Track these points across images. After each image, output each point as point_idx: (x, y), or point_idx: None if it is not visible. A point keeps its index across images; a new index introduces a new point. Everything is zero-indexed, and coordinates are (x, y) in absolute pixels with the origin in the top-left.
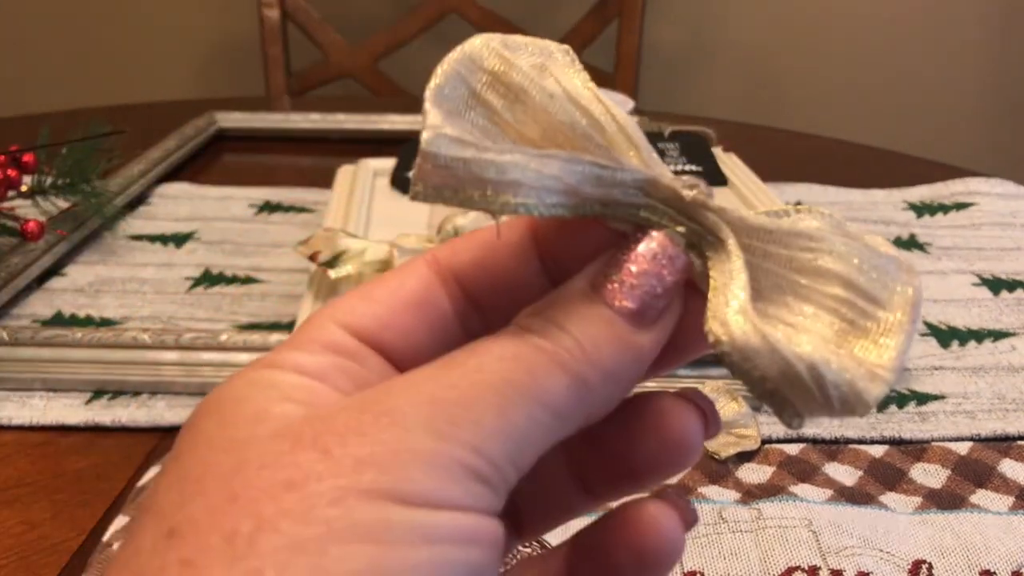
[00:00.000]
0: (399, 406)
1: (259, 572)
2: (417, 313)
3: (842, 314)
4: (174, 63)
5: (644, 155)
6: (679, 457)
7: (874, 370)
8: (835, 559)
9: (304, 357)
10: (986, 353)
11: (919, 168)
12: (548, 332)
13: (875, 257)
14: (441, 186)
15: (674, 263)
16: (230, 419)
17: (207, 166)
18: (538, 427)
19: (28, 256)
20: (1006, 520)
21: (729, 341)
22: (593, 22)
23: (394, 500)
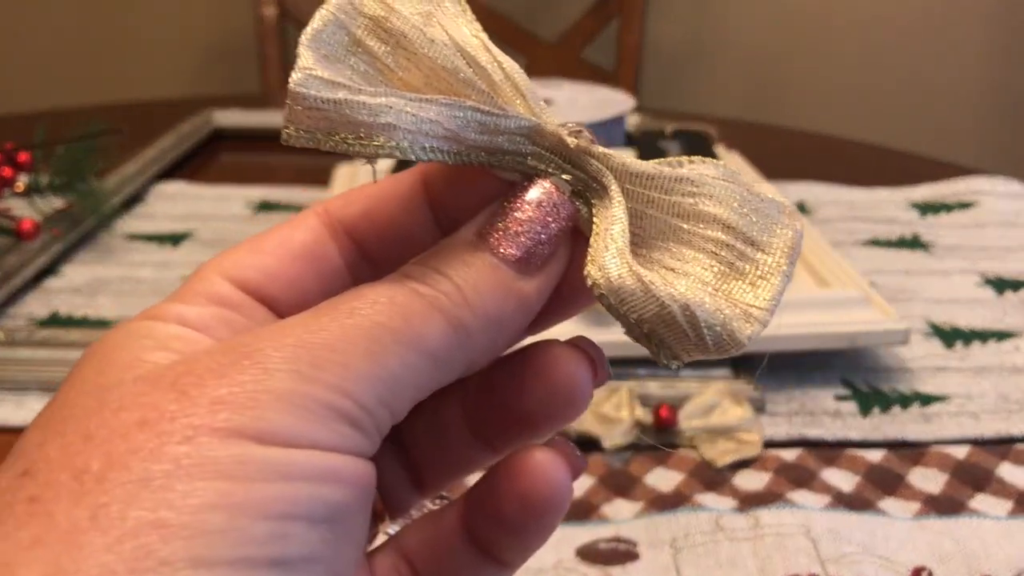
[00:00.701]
0: (263, 348)
1: (105, 507)
2: (305, 265)
3: (721, 257)
4: (171, 61)
5: (531, 103)
6: (569, 404)
7: (749, 310)
8: (834, 567)
9: (186, 309)
10: (990, 354)
11: (923, 167)
12: (427, 277)
13: (757, 201)
14: (313, 128)
15: (559, 211)
16: (104, 367)
17: (204, 165)
18: (413, 372)
19: (24, 256)
20: (1005, 525)
21: (605, 284)
22: (594, 20)
23: (248, 438)
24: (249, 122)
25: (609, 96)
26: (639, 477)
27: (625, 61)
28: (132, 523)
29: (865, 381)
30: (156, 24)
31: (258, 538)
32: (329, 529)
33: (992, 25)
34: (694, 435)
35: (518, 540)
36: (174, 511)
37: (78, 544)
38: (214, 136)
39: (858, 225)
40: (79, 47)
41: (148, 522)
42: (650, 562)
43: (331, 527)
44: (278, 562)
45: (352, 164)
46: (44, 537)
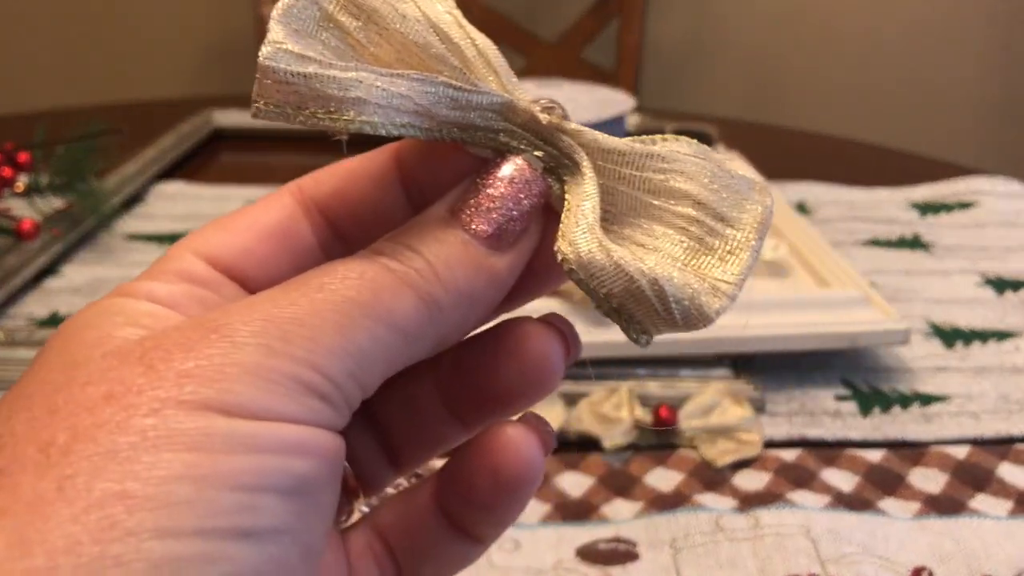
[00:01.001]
0: (231, 323)
1: (70, 479)
2: (277, 243)
3: (691, 232)
4: (171, 62)
5: (504, 80)
6: (540, 380)
7: (717, 285)
8: (835, 567)
9: (158, 286)
10: (990, 354)
11: (923, 167)
12: (399, 253)
13: (727, 177)
14: (283, 103)
15: (531, 187)
16: (73, 344)
17: (204, 165)
18: (383, 346)
19: (24, 256)
20: (1005, 525)
21: (575, 259)
22: (594, 20)
23: (215, 411)
24: (249, 122)
25: (609, 96)
26: (639, 477)
27: (625, 61)
28: (98, 494)
29: (865, 381)
30: (156, 24)
31: (225, 509)
32: (297, 501)
33: (992, 25)
34: (694, 435)
35: (491, 515)
36: (140, 482)
37: (43, 515)
38: (214, 136)
39: (858, 225)
40: (79, 47)
41: (114, 493)
42: (650, 562)
43: (299, 499)
44: (245, 533)
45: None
46: (9, 508)
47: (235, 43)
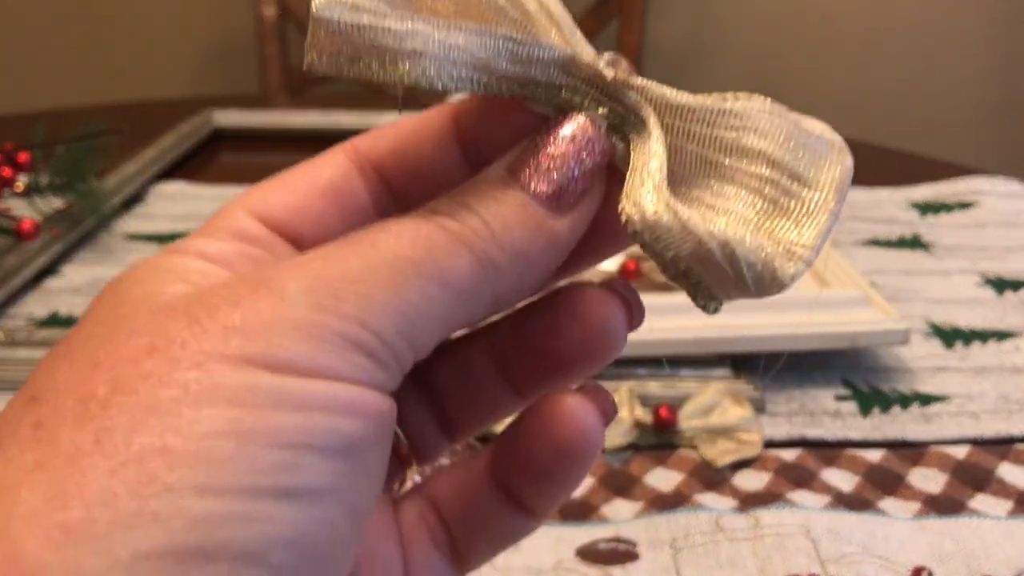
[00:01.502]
0: (281, 278)
1: (109, 431)
2: (331, 201)
3: (765, 193)
4: (171, 62)
5: (566, 33)
6: (603, 346)
7: (792, 248)
8: (835, 567)
9: (210, 244)
10: (990, 354)
11: (923, 167)
12: (455, 212)
13: (804, 136)
14: (336, 54)
15: (594, 147)
16: (120, 300)
17: (204, 165)
18: (436, 305)
19: (23, 256)
20: (1005, 525)
21: (640, 220)
22: (594, 20)
23: (261, 366)
24: (249, 122)
25: None
26: (639, 477)
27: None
28: (137, 448)
29: (865, 381)
30: (156, 24)
31: (267, 467)
32: (343, 461)
33: (992, 25)
34: (694, 435)
35: (547, 487)
36: (180, 437)
37: (81, 468)
38: (214, 136)
39: (858, 225)
40: (79, 47)
41: (153, 448)
42: (650, 562)
43: (345, 459)
44: (288, 492)
45: None
46: (47, 461)
47: (235, 43)
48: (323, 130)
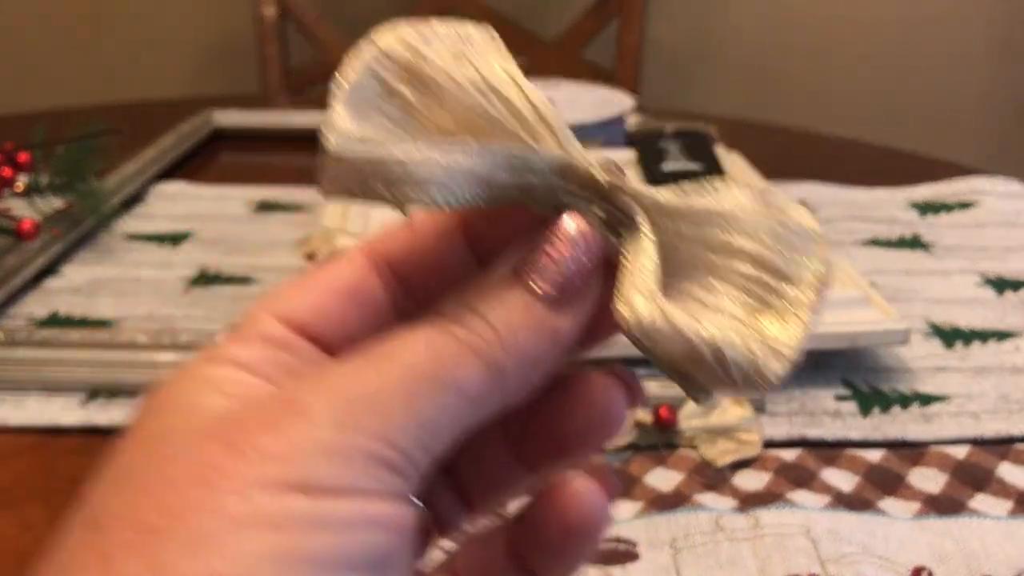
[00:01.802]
0: (306, 399)
1: (160, 561)
2: (350, 302)
3: (751, 291)
4: (171, 61)
5: (561, 138)
6: (606, 429)
7: (778, 348)
8: (835, 567)
9: (239, 350)
10: (990, 354)
11: (923, 167)
12: (462, 318)
13: (787, 233)
14: (348, 183)
15: (591, 246)
16: (164, 413)
17: (204, 165)
18: (450, 414)
19: (23, 256)
20: (1005, 525)
21: (635, 322)
22: (594, 19)
23: (296, 490)
24: (249, 122)
25: (609, 96)
26: (639, 477)
27: (625, 61)
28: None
29: (865, 381)
30: (156, 24)
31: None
32: (374, 573)
33: (992, 25)
34: (694, 435)
35: (560, 562)
36: (226, 563)
37: None
38: (214, 136)
39: (858, 225)
40: (79, 47)
41: (202, 574)
42: (650, 562)
43: (377, 571)
44: None
45: None
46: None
47: (235, 43)
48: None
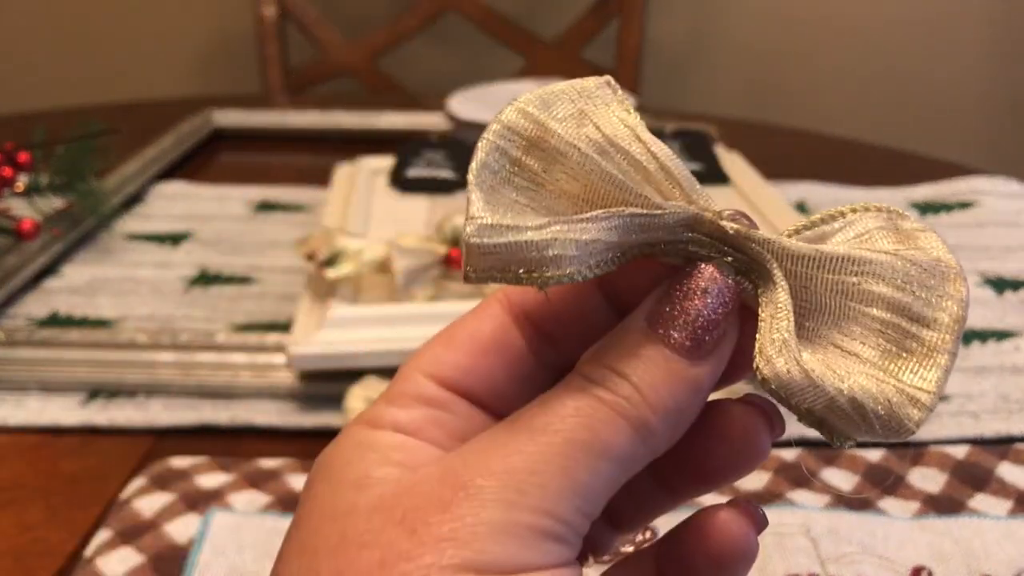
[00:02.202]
0: (473, 479)
1: None
2: (496, 355)
3: (888, 335)
4: (171, 61)
5: (686, 189)
6: (748, 459)
7: (916, 395)
8: (834, 566)
9: (399, 413)
10: (990, 354)
11: (923, 166)
12: (608, 380)
13: (921, 272)
14: (489, 268)
15: (724, 295)
16: (337, 484)
17: (204, 165)
18: (604, 478)
19: (23, 256)
20: (1005, 525)
21: (774, 378)
22: (594, 19)
23: (472, 571)
24: (249, 122)
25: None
26: None
27: (625, 60)
28: None
29: None
30: (156, 24)
31: None
32: None
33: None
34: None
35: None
36: None
37: None
38: (214, 136)
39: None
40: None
41: None
42: None
43: None
44: None
45: (352, 163)
46: None
47: (235, 43)
48: (323, 130)
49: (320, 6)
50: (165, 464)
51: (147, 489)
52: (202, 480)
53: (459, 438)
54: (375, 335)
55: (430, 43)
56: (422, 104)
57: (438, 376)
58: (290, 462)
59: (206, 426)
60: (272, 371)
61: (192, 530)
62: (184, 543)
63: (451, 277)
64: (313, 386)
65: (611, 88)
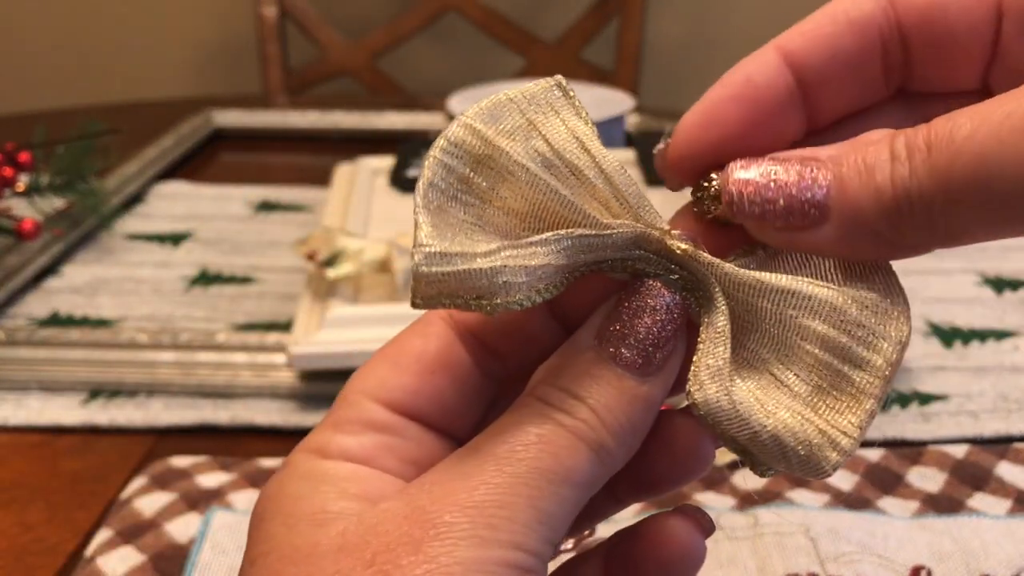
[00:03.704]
0: (441, 516)
1: None
2: (444, 375)
3: (821, 373)
4: (171, 61)
5: (634, 205)
6: (692, 469)
7: (838, 439)
8: (834, 565)
9: (347, 440)
10: (989, 353)
11: None
12: (565, 404)
13: (862, 311)
14: (437, 296)
15: (672, 312)
16: (292, 520)
17: (204, 165)
18: (568, 505)
19: (24, 256)
20: (1004, 524)
21: (703, 404)
22: (594, 19)
23: None
24: (249, 122)
25: (609, 96)
26: None
27: (625, 60)
28: None
29: None
30: (156, 24)
31: None
32: None
33: None
34: None
35: None
36: None
37: None
38: (214, 136)
39: None
40: (79, 47)
41: None
42: None
43: None
44: None
45: (352, 163)
46: None
47: (235, 43)
48: (323, 130)
49: (320, 6)
50: (165, 463)
51: (147, 488)
52: (202, 479)
53: (412, 463)
54: (375, 335)
55: (430, 43)
56: (422, 104)
57: (386, 400)
58: None
59: (206, 426)
60: (272, 371)
61: (193, 529)
62: (185, 542)
63: None
64: (313, 386)
65: (562, 90)
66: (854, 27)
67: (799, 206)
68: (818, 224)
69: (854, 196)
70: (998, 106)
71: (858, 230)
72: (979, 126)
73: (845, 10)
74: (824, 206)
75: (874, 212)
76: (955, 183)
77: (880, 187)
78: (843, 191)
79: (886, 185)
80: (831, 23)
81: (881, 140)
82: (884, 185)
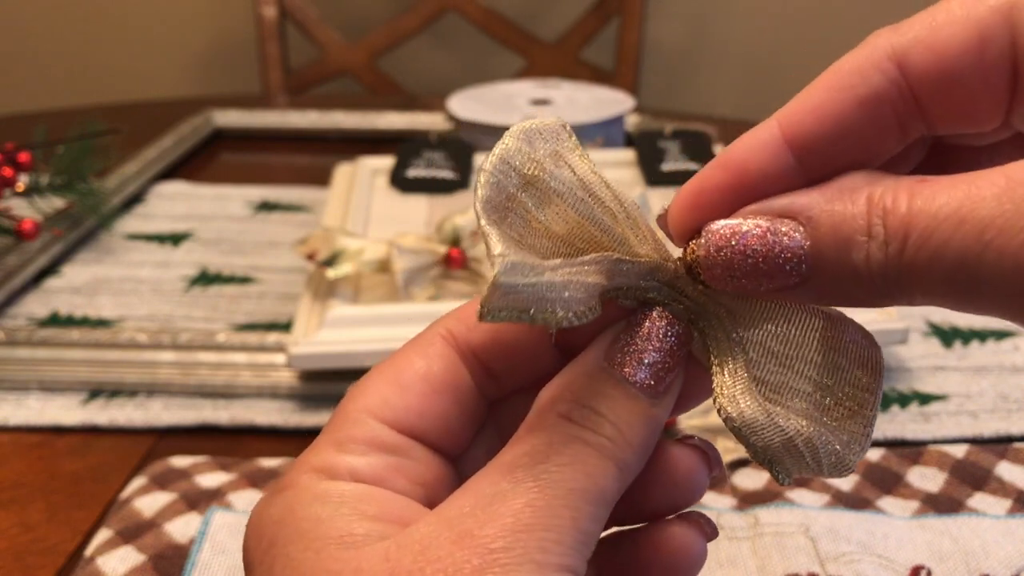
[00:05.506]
0: (494, 540)
1: None
2: (448, 396)
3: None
4: (171, 61)
5: (649, 238)
6: (687, 497)
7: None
8: (833, 565)
9: (355, 461)
10: (989, 353)
11: None
12: (589, 420)
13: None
14: (508, 307)
15: (681, 339)
16: (320, 545)
17: (204, 165)
18: (600, 522)
19: (24, 256)
20: (1004, 524)
21: (738, 416)
22: (594, 19)
23: None
24: (249, 122)
25: (608, 96)
26: None
27: (625, 61)
28: None
29: None
30: (156, 24)
31: None
32: None
33: None
34: (694, 434)
35: None
36: None
37: None
38: (214, 136)
39: None
40: (79, 47)
41: None
42: None
43: None
44: None
45: (352, 163)
46: None
47: (235, 43)
48: (323, 130)
49: (320, 6)
50: (165, 463)
51: (147, 488)
52: (202, 479)
53: (421, 484)
54: (375, 335)
55: (430, 43)
56: (422, 104)
57: (391, 420)
58: (290, 461)
59: (206, 426)
60: (272, 371)
61: (192, 529)
62: (184, 542)
63: (451, 277)
64: (313, 386)
65: (567, 132)
66: (865, 107)
67: (776, 269)
68: (794, 288)
69: (832, 269)
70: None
71: (835, 296)
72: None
73: (852, 86)
74: (802, 274)
75: (851, 285)
76: (935, 283)
77: (857, 267)
78: (820, 260)
79: (862, 266)
80: (838, 100)
81: (858, 200)
82: (860, 265)
